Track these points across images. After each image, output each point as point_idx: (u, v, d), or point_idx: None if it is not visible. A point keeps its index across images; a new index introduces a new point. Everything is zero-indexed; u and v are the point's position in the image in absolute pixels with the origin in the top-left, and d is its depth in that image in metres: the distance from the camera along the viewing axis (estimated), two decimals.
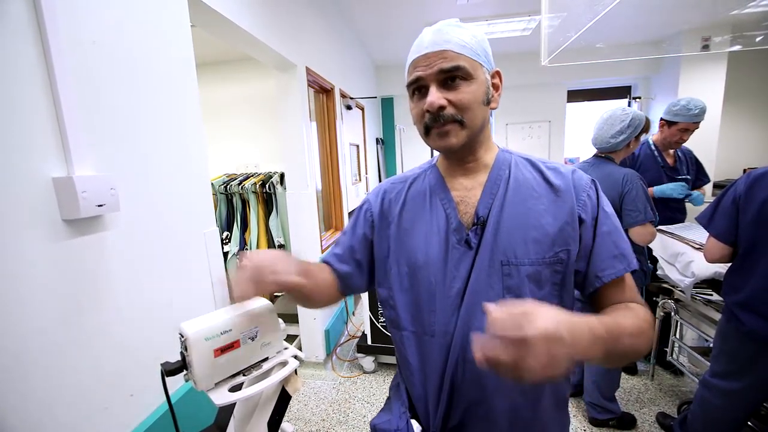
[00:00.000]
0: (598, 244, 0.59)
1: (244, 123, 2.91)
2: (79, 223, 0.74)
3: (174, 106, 1.04)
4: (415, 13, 3.08)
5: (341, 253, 0.74)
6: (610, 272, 0.59)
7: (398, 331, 0.68)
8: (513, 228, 0.58)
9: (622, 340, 0.48)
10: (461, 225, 0.62)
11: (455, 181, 0.66)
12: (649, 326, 0.54)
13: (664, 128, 1.92)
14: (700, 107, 1.78)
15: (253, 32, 1.54)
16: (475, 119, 0.58)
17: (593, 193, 0.62)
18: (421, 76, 0.57)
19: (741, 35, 3.32)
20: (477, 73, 0.58)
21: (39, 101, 0.67)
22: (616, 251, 0.59)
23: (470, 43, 0.57)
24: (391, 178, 0.76)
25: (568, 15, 2.19)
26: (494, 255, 0.58)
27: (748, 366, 1.18)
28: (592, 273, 0.60)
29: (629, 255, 0.60)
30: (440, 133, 0.58)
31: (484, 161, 0.64)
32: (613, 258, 0.59)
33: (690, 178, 2.01)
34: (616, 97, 4.71)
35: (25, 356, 0.64)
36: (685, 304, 1.72)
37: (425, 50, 0.57)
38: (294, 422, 1.87)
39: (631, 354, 0.50)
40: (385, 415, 0.71)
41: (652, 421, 1.76)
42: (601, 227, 0.60)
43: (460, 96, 0.56)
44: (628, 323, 0.51)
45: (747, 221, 1.13)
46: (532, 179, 0.62)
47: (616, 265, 0.59)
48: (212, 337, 0.65)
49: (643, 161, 1.99)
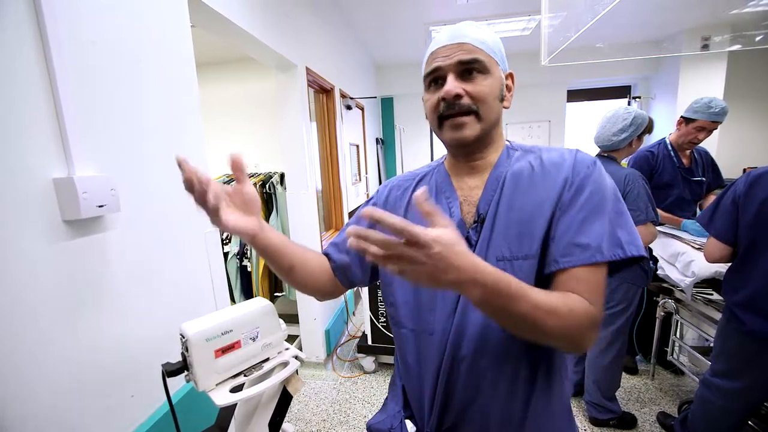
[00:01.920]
0: (565, 224, 0.54)
1: (244, 123, 2.91)
2: (79, 224, 0.74)
3: (174, 107, 1.04)
4: (415, 13, 3.09)
5: (340, 242, 0.73)
6: (567, 259, 0.52)
7: (398, 328, 0.68)
8: (509, 223, 0.58)
9: (518, 302, 0.45)
10: (463, 223, 0.62)
11: (461, 181, 0.66)
12: (569, 313, 0.48)
13: (681, 126, 1.86)
14: (721, 107, 1.73)
15: (253, 32, 1.54)
16: (490, 113, 0.59)
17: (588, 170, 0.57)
18: (440, 66, 0.58)
19: (741, 35, 3.32)
20: (493, 69, 0.59)
21: (39, 102, 0.67)
22: (582, 239, 0.53)
23: (488, 41, 0.58)
24: (401, 175, 0.76)
25: (568, 15, 2.19)
26: (490, 251, 0.58)
27: (748, 365, 1.18)
28: (552, 255, 0.54)
29: (595, 247, 0.52)
30: (454, 125, 0.59)
31: (490, 160, 0.64)
32: (575, 246, 0.53)
33: (705, 180, 1.97)
34: (615, 96, 4.72)
35: (25, 357, 0.64)
36: (685, 303, 1.72)
37: (445, 42, 0.58)
38: (294, 422, 1.87)
39: (530, 323, 0.46)
40: (381, 414, 0.71)
41: (653, 420, 1.76)
42: (573, 208, 0.54)
43: (477, 88, 0.57)
44: (542, 297, 0.47)
45: (747, 221, 1.13)
46: (530, 169, 0.60)
47: (575, 253, 0.52)
48: (213, 338, 0.65)
49: (661, 161, 1.94)
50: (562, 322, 0.47)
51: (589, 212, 0.54)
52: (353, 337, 2.68)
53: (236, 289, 2.49)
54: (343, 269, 0.71)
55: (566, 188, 0.56)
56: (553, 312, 0.47)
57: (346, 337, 2.71)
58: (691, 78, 3.74)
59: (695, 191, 1.97)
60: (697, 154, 1.98)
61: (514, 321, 0.47)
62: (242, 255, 2.43)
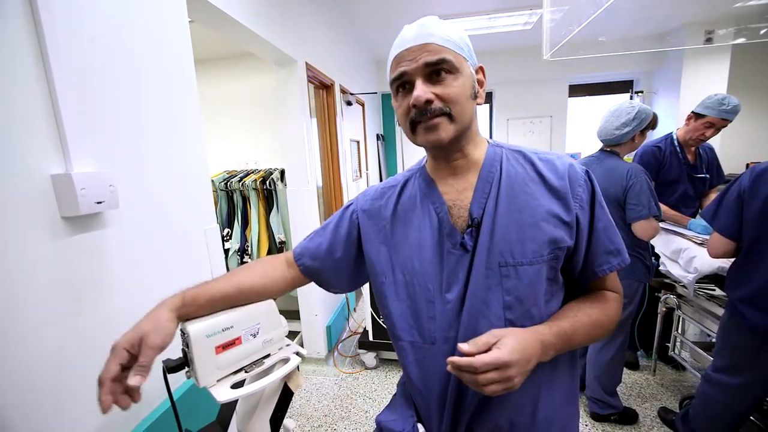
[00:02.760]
0: (595, 240, 0.60)
1: (243, 119, 2.90)
2: (78, 221, 0.73)
3: (173, 103, 1.03)
4: (416, 8, 3.06)
5: (314, 248, 0.73)
6: (605, 267, 0.61)
7: (396, 341, 0.66)
8: (508, 227, 0.57)
9: (574, 339, 0.56)
10: (454, 229, 0.60)
11: (445, 184, 0.63)
12: (610, 321, 0.60)
13: (690, 121, 1.84)
14: (733, 105, 1.70)
15: (253, 28, 1.52)
16: (463, 113, 0.56)
17: (588, 186, 0.60)
18: (406, 71, 0.55)
19: (745, 28, 3.29)
20: (462, 66, 0.56)
21: (37, 98, 0.67)
22: (611, 247, 0.60)
23: (453, 37, 0.56)
24: (379, 184, 0.73)
25: (570, 8, 2.16)
26: (491, 257, 0.57)
27: (750, 361, 1.17)
28: (589, 268, 0.61)
29: (623, 250, 0.62)
30: (428, 127, 0.56)
31: (473, 158, 0.62)
32: (608, 254, 0.60)
33: (708, 176, 1.96)
34: (618, 91, 4.68)
35: (24, 354, 0.64)
36: (687, 299, 1.72)
37: (409, 44, 0.55)
38: (296, 418, 1.88)
39: (585, 344, 0.60)
40: (392, 413, 0.70)
41: (654, 416, 1.76)
42: (598, 223, 0.60)
43: (447, 90, 0.55)
44: (587, 321, 0.57)
45: (751, 216, 1.12)
46: (524, 173, 0.60)
47: (611, 261, 0.61)
48: (214, 334, 0.65)
49: (668, 157, 1.93)
50: (606, 328, 0.60)
51: (607, 222, 0.61)
52: (354, 333, 2.69)
53: None
54: (313, 273, 0.73)
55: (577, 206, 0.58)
56: (599, 326, 0.59)
57: (348, 333, 2.71)
58: (694, 72, 3.70)
59: (698, 188, 1.97)
60: (702, 151, 1.96)
61: (572, 348, 0.58)
62: (243, 252, 2.43)
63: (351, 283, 0.76)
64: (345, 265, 0.72)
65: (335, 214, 0.75)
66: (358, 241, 0.71)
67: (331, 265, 0.72)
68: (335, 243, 0.72)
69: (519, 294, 0.56)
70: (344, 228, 0.72)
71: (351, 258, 0.72)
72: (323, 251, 0.72)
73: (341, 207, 0.75)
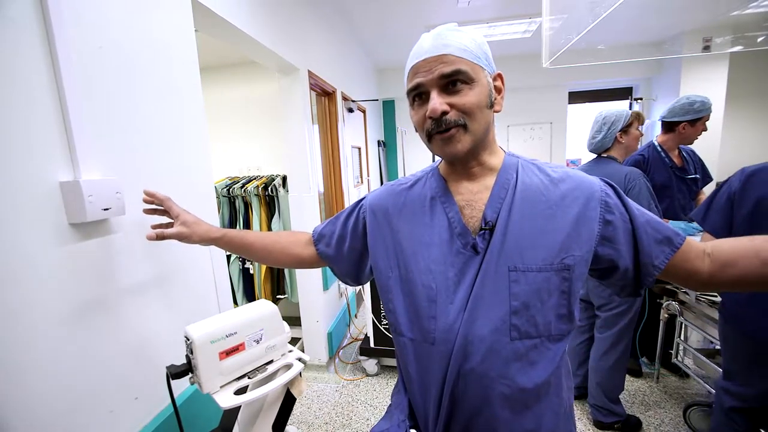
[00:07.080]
0: (641, 237, 0.59)
1: (246, 126, 2.92)
2: (85, 227, 0.74)
3: (179, 111, 1.05)
4: (415, 17, 3.10)
5: (329, 235, 0.78)
6: (662, 258, 0.59)
7: (397, 336, 0.67)
8: (521, 233, 0.57)
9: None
10: (466, 229, 0.60)
11: (459, 185, 0.64)
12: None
13: (686, 129, 1.87)
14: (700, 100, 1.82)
15: (257, 37, 1.55)
16: (479, 123, 0.57)
17: (611, 192, 0.61)
18: (421, 83, 0.56)
19: (742, 36, 3.32)
20: (478, 76, 0.56)
21: (46, 106, 0.68)
22: (659, 236, 0.60)
23: (470, 47, 0.56)
24: (393, 182, 0.75)
25: (569, 17, 2.19)
26: (501, 260, 0.57)
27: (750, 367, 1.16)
28: (647, 265, 0.59)
29: (672, 233, 0.60)
30: (444, 139, 0.57)
31: (489, 165, 0.63)
32: (659, 244, 0.59)
33: (699, 177, 1.99)
34: (617, 98, 4.72)
35: (31, 359, 0.64)
36: (689, 305, 1.71)
37: (425, 55, 0.56)
38: (297, 425, 1.87)
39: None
40: (385, 423, 0.69)
41: (658, 423, 1.74)
42: (638, 220, 0.60)
43: (463, 100, 0.55)
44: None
45: (742, 218, 1.12)
46: (540, 184, 0.61)
47: (664, 249, 0.59)
48: (218, 340, 0.65)
49: (652, 163, 1.96)
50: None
51: (647, 215, 0.61)
52: (355, 340, 2.68)
53: (238, 292, 2.49)
54: (325, 258, 0.78)
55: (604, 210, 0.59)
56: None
57: (349, 340, 2.70)
58: (693, 79, 3.74)
59: (692, 189, 1.98)
60: (686, 154, 2.00)
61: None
62: (245, 258, 2.44)
63: (358, 276, 0.78)
64: (352, 258, 0.76)
65: (349, 206, 0.78)
66: (364, 236, 0.73)
67: (340, 255, 0.76)
68: (343, 235, 0.76)
69: (526, 299, 0.56)
70: (352, 222, 0.75)
71: (357, 252, 0.75)
72: (335, 241, 0.77)
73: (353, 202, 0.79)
